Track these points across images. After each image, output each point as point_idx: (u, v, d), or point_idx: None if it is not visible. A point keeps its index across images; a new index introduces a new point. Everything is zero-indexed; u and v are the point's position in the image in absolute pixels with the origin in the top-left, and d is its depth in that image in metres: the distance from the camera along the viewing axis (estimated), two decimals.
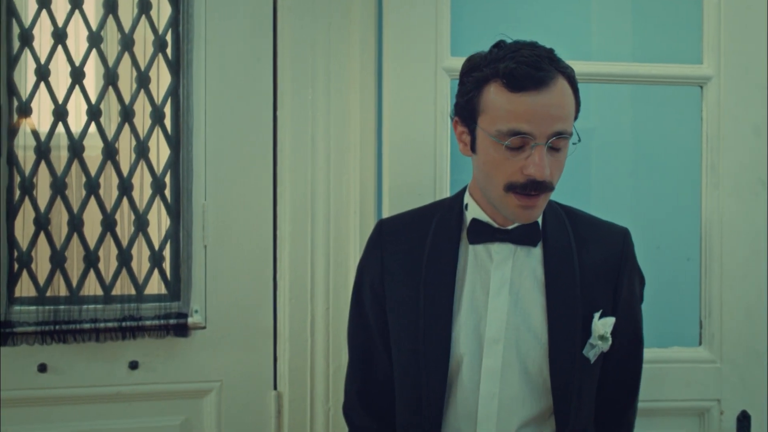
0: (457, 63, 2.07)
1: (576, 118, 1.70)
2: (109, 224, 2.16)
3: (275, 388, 2.24)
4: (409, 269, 1.79)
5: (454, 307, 1.74)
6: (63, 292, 2.13)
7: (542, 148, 1.61)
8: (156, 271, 2.19)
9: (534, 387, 1.74)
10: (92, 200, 2.14)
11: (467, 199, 1.79)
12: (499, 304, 1.73)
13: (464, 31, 2.26)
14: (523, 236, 1.74)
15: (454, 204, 1.83)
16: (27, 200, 2.12)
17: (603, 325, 1.73)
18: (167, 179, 2.20)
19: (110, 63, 2.15)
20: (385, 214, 2.16)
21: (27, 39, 2.11)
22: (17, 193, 2.11)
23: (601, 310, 1.75)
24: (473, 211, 1.77)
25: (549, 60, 1.64)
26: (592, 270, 1.76)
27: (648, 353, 1.95)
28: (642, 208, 2.42)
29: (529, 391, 1.74)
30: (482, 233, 1.75)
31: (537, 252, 1.76)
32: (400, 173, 2.16)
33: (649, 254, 2.28)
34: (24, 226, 2.11)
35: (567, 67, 1.68)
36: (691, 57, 2.31)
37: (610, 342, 1.73)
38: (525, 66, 1.61)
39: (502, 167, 1.65)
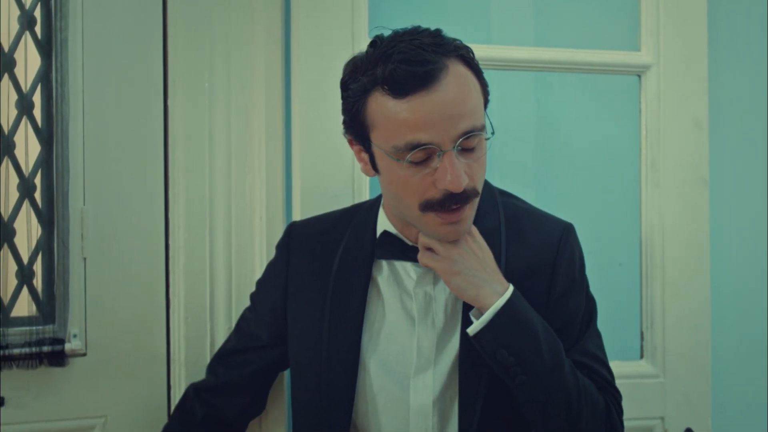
0: None
1: (487, 102, 1.50)
2: None
3: None
4: (316, 286, 1.61)
5: (364, 336, 1.56)
6: None
7: (451, 155, 1.40)
8: (25, 289, 1.97)
9: None
10: None
11: (381, 209, 1.61)
12: (426, 327, 1.56)
13: (383, 11, 2.09)
14: None
15: (372, 210, 1.64)
16: None
17: None
18: (38, 180, 1.99)
19: None
20: (296, 219, 1.97)
21: None
22: None
23: None
24: (383, 222, 1.59)
25: (434, 47, 1.41)
26: (522, 281, 1.55)
27: None
28: (573, 209, 2.23)
29: None
30: (392, 249, 1.57)
31: None
32: (312, 172, 1.99)
33: None
34: None
35: (459, 47, 1.46)
36: (628, 43, 2.20)
37: None
38: (404, 64, 1.39)
39: (412, 186, 1.44)
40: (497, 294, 1.47)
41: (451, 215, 1.45)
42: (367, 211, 1.65)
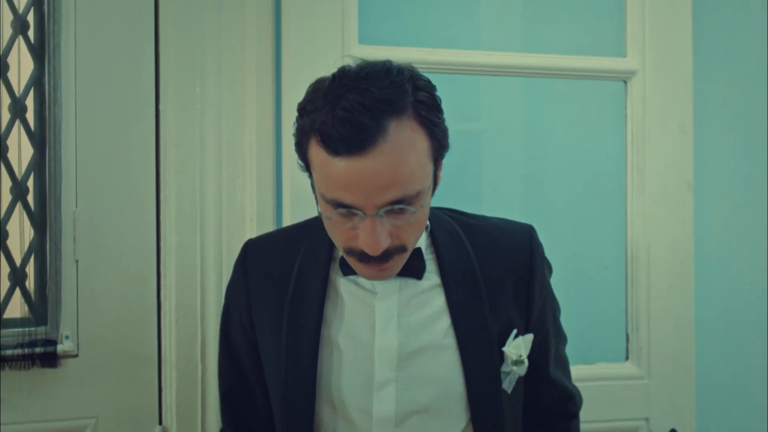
0: (367, 52, 1.96)
1: (441, 156, 1.43)
2: None
3: (160, 422, 2.05)
4: (274, 304, 1.56)
5: (323, 351, 1.52)
6: None
7: (374, 220, 1.36)
8: (18, 291, 1.97)
9: (440, 427, 1.53)
10: None
11: None
12: (387, 340, 1.51)
13: (373, 15, 2.09)
14: (405, 269, 1.50)
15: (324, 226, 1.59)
16: None
17: (516, 348, 1.53)
18: (30, 183, 1.99)
19: None
20: (286, 222, 1.98)
21: None
22: None
23: (515, 330, 1.55)
24: None
25: (383, 104, 1.33)
26: (500, 284, 1.55)
27: (572, 370, 1.77)
28: (559, 212, 2.28)
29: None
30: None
31: (432, 277, 1.54)
32: (302, 175, 1.88)
33: (567, 263, 2.17)
34: None
35: (417, 102, 1.37)
36: (614, 49, 2.21)
37: (526, 365, 1.54)
38: (341, 125, 1.31)
39: (337, 231, 1.41)
40: None
41: (372, 266, 1.42)
42: (321, 226, 1.58)
